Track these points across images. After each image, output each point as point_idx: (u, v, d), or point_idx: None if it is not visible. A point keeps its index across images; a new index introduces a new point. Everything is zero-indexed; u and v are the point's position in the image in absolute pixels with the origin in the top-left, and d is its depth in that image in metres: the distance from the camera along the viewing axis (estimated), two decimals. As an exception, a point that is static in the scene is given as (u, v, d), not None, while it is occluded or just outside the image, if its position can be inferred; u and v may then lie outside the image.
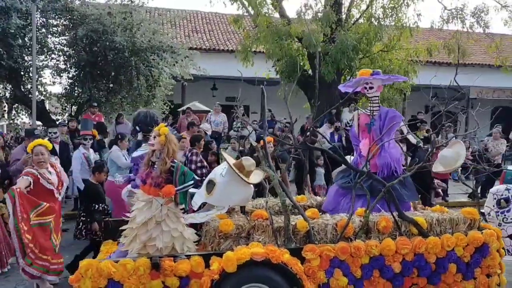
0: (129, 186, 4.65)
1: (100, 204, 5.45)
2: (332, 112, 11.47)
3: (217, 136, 10.78)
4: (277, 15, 11.95)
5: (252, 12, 11.41)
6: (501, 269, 4.31)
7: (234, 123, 11.30)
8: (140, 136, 4.75)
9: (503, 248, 4.37)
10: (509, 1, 12.03)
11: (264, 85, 15.89)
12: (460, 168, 5.43)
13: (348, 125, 11.61)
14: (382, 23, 11.74)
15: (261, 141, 4.22)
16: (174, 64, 11.28)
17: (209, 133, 10.30)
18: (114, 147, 6.77)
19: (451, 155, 4.59)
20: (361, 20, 12.15)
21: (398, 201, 4.14)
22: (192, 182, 3.83)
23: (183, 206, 3.88)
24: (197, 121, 10.56)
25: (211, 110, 11.46)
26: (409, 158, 5.73)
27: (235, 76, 14.69)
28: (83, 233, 5.36)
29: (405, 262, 3.97)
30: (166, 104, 11.41)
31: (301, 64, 12.37)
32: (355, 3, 12.29)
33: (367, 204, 4.10)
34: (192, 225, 4.08)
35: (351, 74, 12.41)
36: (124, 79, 10.25)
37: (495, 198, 4.93)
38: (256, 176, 4.23)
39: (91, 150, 7.44)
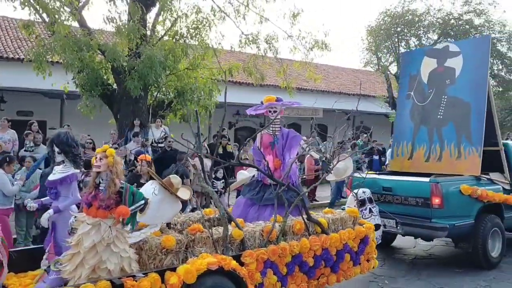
0: (50, 211, 4.47)
1: None
2: (137, 128, 11.95)
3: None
4: (76, 24, 11.83)
5: (47, 19, 11.07)
6: (375, 254, 5.76)
7: (26, 141, 10.69)
8: (60, 158, 4.63)
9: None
10: (293, 32, 14.66)
11: (65, 99, 15.41)
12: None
13: (156, 141, 12.12)
14: (187, 41, 12.84)
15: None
16: None
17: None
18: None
19: (342, 167, 5.81)
20: (166, 37, 12.96)
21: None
22: (143, 201, 3.99)
23: (129, 226, 4.01)
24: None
25: (-3, 126, 10.54)
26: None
27: (27, 87, 13.93)
28: None
29: (316, 257, 4.98)
30: None
31: (105, 77, 12.53)
32: (159, 20, 13.06)
33: (286, 211, 4.97)
34: None
35: (158, 90, 13.17)
36: None
37: (355, 199, 6.42)
38: (184, 193, 4.64)
39: None
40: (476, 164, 6.91)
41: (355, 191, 6.43)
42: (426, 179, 6.63)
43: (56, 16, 10.72)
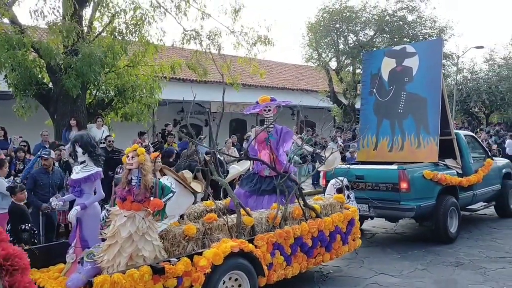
0: (77, 207, 5.10)
1: (27, 224, 5.86)
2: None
3: None
4: (7, 21, 11.91)
5: (-27, 15, 11.08)
6: (359, 234, 7.02)
7: None
8: (83, 158, 5.30)
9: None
10: (236, 27, 15.62)
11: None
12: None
13: (100, 142, 12.38)
14: (126, 38, 13.34)
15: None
16: None
17: None
18: None
19: (331, 158, 6.95)
20: (104, 34, 13.35)
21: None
22: (171, 194, 4.84)
23: (158, 217, 4.80)
24: None
25: None
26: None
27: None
28: None
29: (314, 238, 6.10)
30: None
31: (40, 76, 12.71)
32: (96, 16, 13.37)
33: (286, 199, 6.06)
34: None
35: (97, 88, 13.54)
36: None
37: (335, 187, 7.71)
38: (196, 186, 5.59)
39: None
40: (434, 152, 8.46)
41: (340, 178, 7.70)
42: (394, 167, 8.04)
43: (-17, 12, 10.82)
